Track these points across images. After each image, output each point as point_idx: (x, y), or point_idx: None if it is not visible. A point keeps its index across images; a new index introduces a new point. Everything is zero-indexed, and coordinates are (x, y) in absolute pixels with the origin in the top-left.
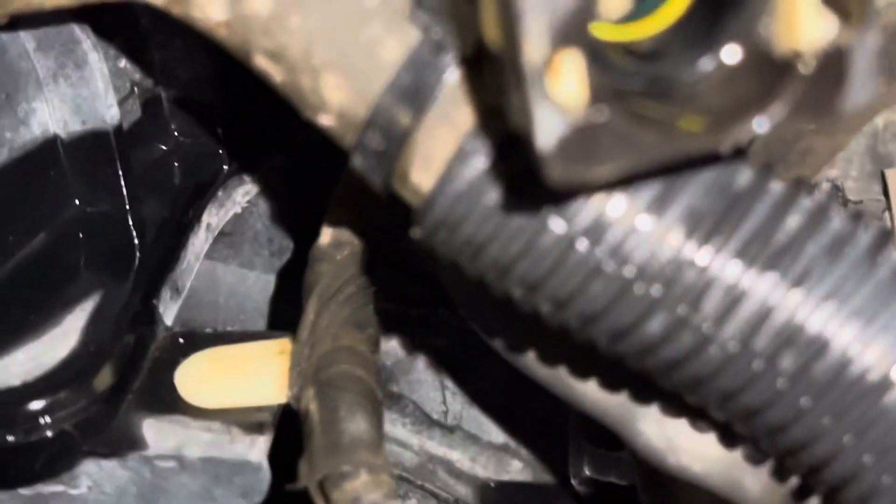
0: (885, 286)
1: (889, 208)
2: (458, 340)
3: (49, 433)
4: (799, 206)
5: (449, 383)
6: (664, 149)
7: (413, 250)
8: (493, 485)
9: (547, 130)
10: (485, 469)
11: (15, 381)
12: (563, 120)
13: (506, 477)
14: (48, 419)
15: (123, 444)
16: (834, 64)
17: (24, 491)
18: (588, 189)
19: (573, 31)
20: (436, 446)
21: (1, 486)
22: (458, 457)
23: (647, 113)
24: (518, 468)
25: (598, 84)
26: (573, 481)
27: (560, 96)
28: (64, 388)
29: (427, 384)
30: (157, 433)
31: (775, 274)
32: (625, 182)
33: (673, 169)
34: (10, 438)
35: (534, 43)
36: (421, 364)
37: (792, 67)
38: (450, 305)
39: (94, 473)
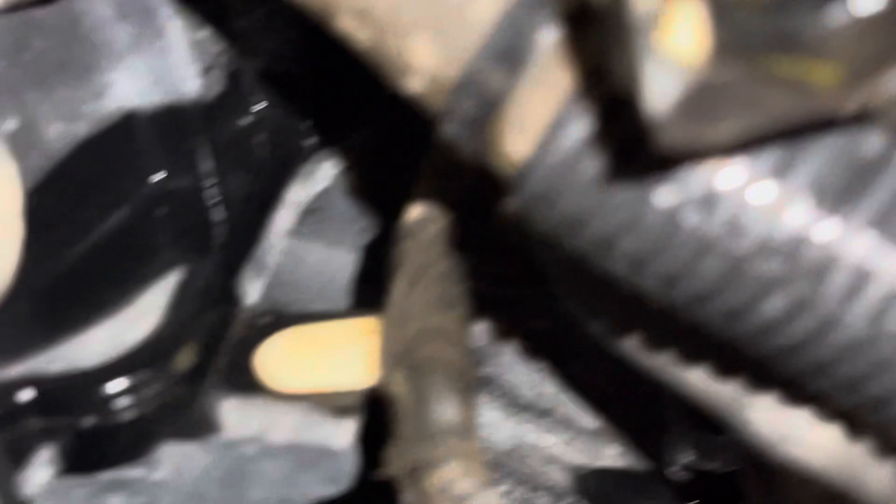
0: None
1: None
2: (551, 321)
3: (129, 415)
4: None
5: (541, 366)
6: (793, 107)
7: (504, 225)
8: (587, 471)
9: (660, 90)
10: (579, 455)
11: (93, 361)
12: (679, 78)
13: (600, 463)
14: (128, 401)
15: (204, 427)
16: None
17: (103, 475)
18: (703, 155)
19: None
20: (528, 430)
21: (79, 470)
22: (551, 442)
23: (773, 68)
24: (613, 454)
25: (718, 37)
26: (672, 468)
27: (675, 52)
28: (144, 369)
29: (519, 366)
30: (240, 416)
31: None
32: (741, 149)
33: (795, 133)
34: (89, 421)
35: None
36: (512, 346)
37: None
38: (543, 284)
39: (175, 457)
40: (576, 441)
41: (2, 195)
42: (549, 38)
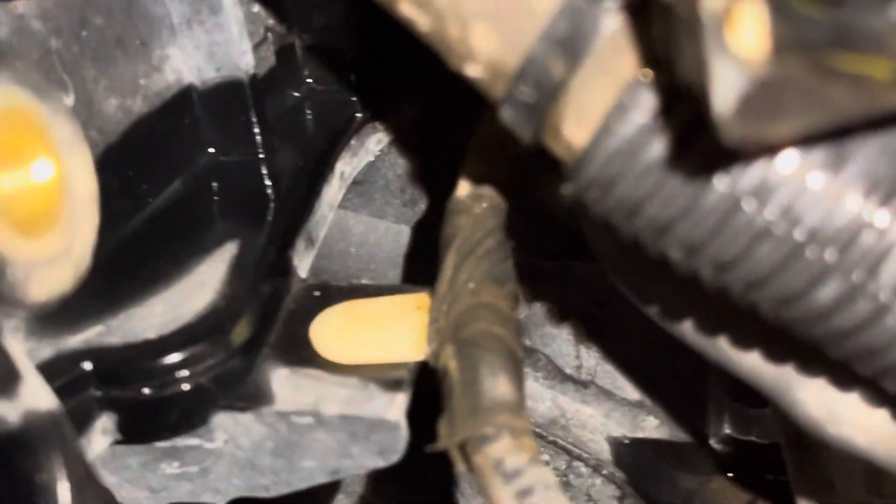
0: None
1: None
2: (593, 295)
3: (185, 386)
4: None
5: (583, 338)
6: (856, 103)
7: (548, 202)
8: (626, 441)
9: (727, 86)
10: (619, 426)
11: (151, 333)
12: (745, 75)
13: (640, 434)
14: (185, 373)
15: (259, 398)
16: None
17: (159, 444)
18: (765, 149)
19: None
20: (568, 401)
21: (136, 439)
22: (592, 412)
23: (835, 65)
24: (653, 425)
25: (782, 34)
26: (711, 440)
27: (741, 49)
28: (201, 341)
29: (560, 338)
30: (293, 388)
31: None
32: (800, 140)
33: (853, 128)
34: (146, 392)
35: None
36: (554, 319)
37: None
38: (585, 259)
39: (229, 427)
40: (616, 412)
41: (79, 177)
42: (609, 26)
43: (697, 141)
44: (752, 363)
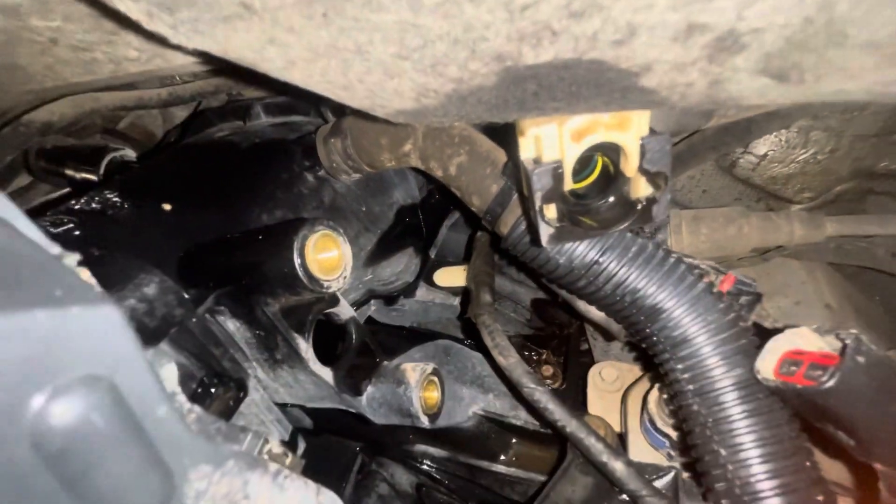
0: None
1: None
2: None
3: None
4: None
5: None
6: (586, 234)
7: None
8: None
9: (545, 231)
10: None
11: (389, 276)
12: (549, 226)
13: None
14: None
15: None
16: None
17: None
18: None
19: (553, 195)
20: None
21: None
22: None
23: (581, 220)
24: None
25: (562, 210)
26: None
27: (548, 216)
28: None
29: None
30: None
31: None
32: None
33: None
34: None
35: (538, 202)
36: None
37: (639, 204)
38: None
39: None
40: None
41: (346, 254)
42: (513, 199)
43: (537, 242)
44: (592, 312)
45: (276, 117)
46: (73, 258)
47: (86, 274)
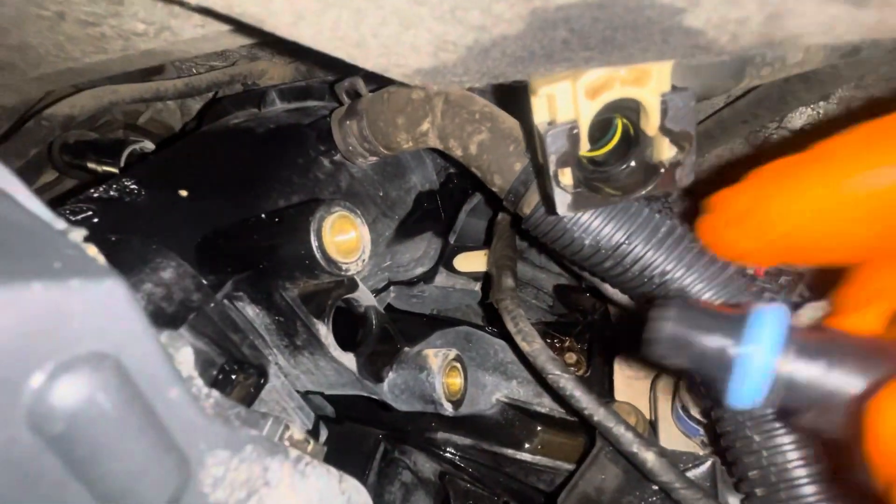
0: None
1: None
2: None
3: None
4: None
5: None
6: (605, 201)
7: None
8: None
9: (561, 198)
10: None
11: (406, 261)
12: (565, 193)
13: None
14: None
15: None
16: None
17: None
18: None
19: (569, 158)
20: None
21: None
22: None
23: (600, 187)
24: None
25: (579, 177)
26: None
27: (564, 181)
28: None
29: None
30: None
31: None
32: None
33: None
34: None
35: (552, 166)
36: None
37: (661, 168)
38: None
39: None
40: None
41: (364, 236)
42: (534, 179)
43: (555, 213)
44: (613, 291)
45: (291, 103)
46: (79, 233)
47: (93, 249)
